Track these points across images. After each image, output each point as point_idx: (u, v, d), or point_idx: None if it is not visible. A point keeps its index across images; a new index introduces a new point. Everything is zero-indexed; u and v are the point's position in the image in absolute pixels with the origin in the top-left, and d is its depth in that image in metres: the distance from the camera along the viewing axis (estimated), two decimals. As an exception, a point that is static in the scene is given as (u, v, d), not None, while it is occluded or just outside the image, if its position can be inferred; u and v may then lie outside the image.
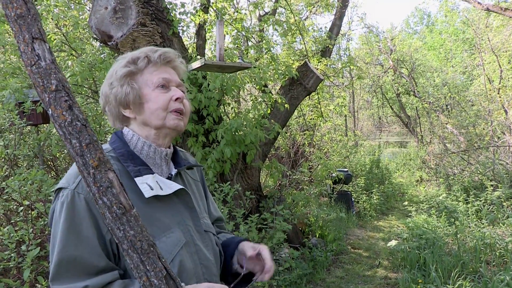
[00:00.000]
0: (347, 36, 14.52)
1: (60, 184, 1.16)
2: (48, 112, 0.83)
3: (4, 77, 4.66)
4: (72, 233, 1.09)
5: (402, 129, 24.43)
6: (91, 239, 1.09)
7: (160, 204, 1.21)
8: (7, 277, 2.73)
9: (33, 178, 3.08)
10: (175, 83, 1.32)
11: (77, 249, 1.08)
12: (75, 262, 1.07)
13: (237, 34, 6.50)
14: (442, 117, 12.72)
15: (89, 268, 1.08)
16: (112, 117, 1.34)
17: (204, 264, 1.27)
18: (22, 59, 0.85)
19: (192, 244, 1.26)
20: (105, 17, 4.08)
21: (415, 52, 17.83)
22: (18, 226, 2.96)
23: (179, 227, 1.24)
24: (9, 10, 0.82)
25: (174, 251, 1.18)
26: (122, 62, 1.29)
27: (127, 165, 1.20)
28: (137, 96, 1.26)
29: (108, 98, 1.29)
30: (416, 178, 12.82)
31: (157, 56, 1.29)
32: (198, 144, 4.63)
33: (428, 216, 7.13)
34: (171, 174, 1.34)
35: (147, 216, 1.16)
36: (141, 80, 1.28)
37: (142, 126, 1.29)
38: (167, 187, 1.23)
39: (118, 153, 1.23)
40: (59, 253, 1.07)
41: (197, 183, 1.49)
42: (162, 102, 1.26)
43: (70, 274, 1.07)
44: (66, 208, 1.10)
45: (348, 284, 4.94)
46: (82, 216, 1.10)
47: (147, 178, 1.19)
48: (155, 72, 1.29)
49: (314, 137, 9.81)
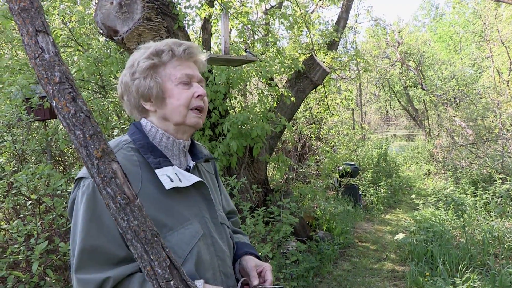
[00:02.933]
0: (354, 29, 14.44)
1: (81, 174, 1.17)
2: (52, 104, 0.83)
3: (11, 73, 4.70)
4: (93, 223, 1.09)
5: (409, 122, 24.27)
6: (112, 229, 1.10)
7: (178, 196, 1.23)
8: (17, 270, 2.76)
9: (40, 172, 3.11)
10: (197, 79, 1.31)
11: (99, 239, 1.09)
12: (97, 252, 1.08)
13: (243, 27, 6.49)
14: (450, 110, 12.62)
15: (111, 258, 1.09)
16: (130, 107, 1.33)
17: (220, 256, 1.29)
18: (26, 51, 0.85)
19: (209, 236, 1.27)
20: (110, 12, 4.09)
21: (423, 45, 17.68)
22: (26, 220, 2.99)
23: (197, 219, 1.25)
24: (13, 3, 0.83)
25: (192, 243, 1.19)
26: (146, 53, 1.27)
27: (147, 157, 1.21)
28: (160, 90, 1.25)
29: (129, 88, 1.29)
30: (424, 172, 12.75)
31: (181, 50, 1.28)
32: (205, 138, 4.64)
33: (435, 209, 7.10)
34: (189, 166, 1.35)
35: (167, 207, 1.18)
36: (164, 74, 1.27)
37: (161, 119, 1.29)
38: (186, 179, 1.23)
39: (138, 144, 1.24)
40: (81, 242, 1.09)
41: (212, 176, 1.50)
42: (184, 99, 1.26)
43: (93, 263, 1.08)
44: (87, 198, 1.11)
45: (355, 277, 4.94)
46: (103, 206, 1.10)
47: (167, 170, 1.20)
48: (179, 67, 1.28)
49: (321, 131, 9.80)
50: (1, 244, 2.91)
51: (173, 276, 0.82)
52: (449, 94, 13.45)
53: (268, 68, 5.24)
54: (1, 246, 2.89)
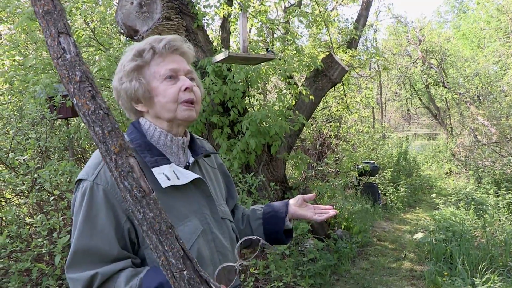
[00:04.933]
0: (374, 27, 14.30)
1: (80, 176, 1.19)
2: (73, 102, 0.88)
3: (36, 72, 4.82)
4: (88, 223, 1.12)
5: (431, 121, 23.94)
6: (106, 229, 1.12)
7: (177, 193, 1.23)
8: (41, 263, 2.86)
9: (63, 169, 3.20)
10: (183, 71, 1.29)
11: (92, 239, 1.11)
12: (89, 252, 1.11)
13: (261, 26, 6.52)
14: (472, 108, 12.40)
15: (103, 257, 1.12)
16: (126, 110, 1.35)
17: (221, 251, 1.30)
18: (49, 52, 0.90)
19: (209, 232, 1.28)
20: (131, 12, 4.17)
21: (446, 42, 17.39)
22: (50, 215, 3.08)
23: (196, 216, 1.26)
24: (38, 7, 0.88)
25: (192, 239, 1.21)
26: (129, 55, 1.27)
27: (144, 156, 1.22)
28: (146, 90, 1.25)
29: (119, 93, 1.29)
30: (445, 171, 12.58)
31: (162, 46, 1.26)
32: (223, 136, 4.68)
33: (456, 209, 7.01)
34: (189, 162, 1.35)
35: (165, 205, 1.17)
36: (148, 74, 1.26)
37: (155, 118, 1.29)
38: (184, 176, 1.24)
39: (135, 144, 1.24)
40: (75, 242, 1.12)
41: (215, 170, 1.50)
42: (171, 95, 1.24)
43: (84, 262, 1.11)
44: (85, 199, 1.14)
45: (373, 276, 4.93)
46: (99, 206, 1.13)
47: (164, 169, 1.20)
48: (162, 64, 1.26)
49: (341, 129, 9.76)
50: (26, 238, 3.01)
51: (186, 266, 0.85)
52: (472, 92, 13.20)
53: (286, 66, 5.26)
54: (25, 240, 2.99)
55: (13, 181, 3.38)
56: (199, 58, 4.61)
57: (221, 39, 5.50)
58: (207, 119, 4.67)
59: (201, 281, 0.86)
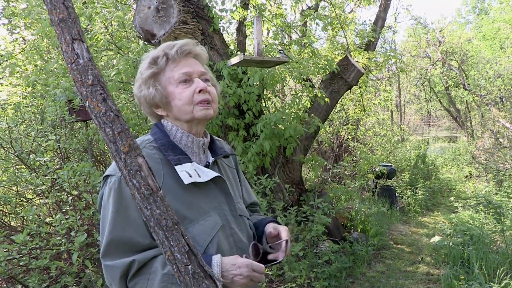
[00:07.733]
0: (393, 29, 14.19)
1: (108, 172, 1.28)
2: (85, 104, 0.93)
3: (56, 76, 4.95)
4: (120, 216, 1.20)
5: (451, 123, 23.57)
6: (137, 221, 1.20)
7: (198, 190, 1.31)
8: (59, 261, 2.94)
9: (81, 170, 3.29)
10: (197, 73, 1.37)
11: (125, 230, 1.20)
12: (123, 242, 1.19)
13: (277, 29, 6.55)
14: (494, 111, 12.18)
15: (136, 247, 1.20)
16: (147, 115, 1.45)
17: (239, 246, 1.36)
18: (63, 57, 0.95)
19: (228, 227, 1.35)
20: (148, 16, 4.25)
21: (467, 43, 17.11)
22: (68, 215, 3.17)
23: (216, 212, 1.33)
24: (53, 15, 0.93)
25: (212, 233, 1.27)
26: (146, 63, 1.36)
27: (167, 154, 1.30)
28: (163, 96, 1.33)
29: (139, 100, 1.39)
30: (465, 174, 12.37)
31: (174, 51, 1.34)
32: (239, 138, 4.72)
33: (475, 213, 6.90)
34: (209, 162, 1.42)
35: (186, 201, 1.26)
36: (164, 79, 1.35)
37: (175, 120, 1.38)
38: (205, 174, 1.31)
39: (159, 143, 1.33)
40: (109, 234, 1.20)
41: (233, 170, 1.58)
42: (186, 98, 1.32)
43: (119, 251, 1.19)
44: (114, 193, 1.22)
45: (389, 279, 4.90)
46: (128, 200, 1.21)
47: (186, 166, 1.28)
48: (176, 68, 1.34)
49: (358, 132, 9.71)
50: (45, 237, 3.10)
51: (191, 261, 0.89)
52: (493, 94, 12.97)
53: (302, 69, 5.28)
54: (45, 238, 3.08)
55: (34, 181, 3.49)
56: (215, 61, 4.67)
57: (237, 42, 5.55)
58: (223, 122, 4.72)
59: (205, 276, 0.90)
